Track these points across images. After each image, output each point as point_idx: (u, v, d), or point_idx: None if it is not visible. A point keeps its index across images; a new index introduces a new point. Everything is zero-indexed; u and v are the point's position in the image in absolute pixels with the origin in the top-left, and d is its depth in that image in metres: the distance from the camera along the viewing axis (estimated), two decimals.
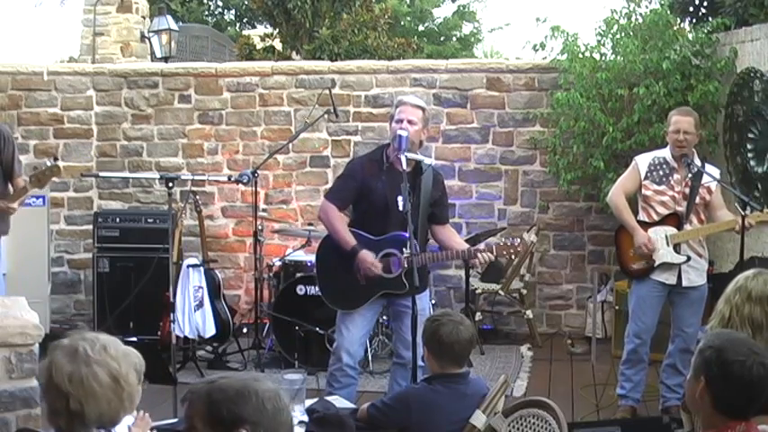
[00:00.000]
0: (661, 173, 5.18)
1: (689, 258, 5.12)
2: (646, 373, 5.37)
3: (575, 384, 6.06)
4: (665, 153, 5.20)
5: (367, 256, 4.50)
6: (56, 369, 2.23)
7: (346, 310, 4.66)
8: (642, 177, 5.22)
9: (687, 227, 5.11)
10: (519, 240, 4.54)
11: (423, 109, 4.62)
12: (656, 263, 5.13)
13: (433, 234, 4.74)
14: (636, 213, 5.29)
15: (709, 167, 5.21)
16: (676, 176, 5.15)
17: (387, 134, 5.08)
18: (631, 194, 5.32)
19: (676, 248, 5.11)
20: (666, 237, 5.11)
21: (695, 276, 5.18)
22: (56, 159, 5.21)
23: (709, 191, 5.14)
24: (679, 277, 5.14)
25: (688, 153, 5.13)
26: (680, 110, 5.32)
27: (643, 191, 5.23)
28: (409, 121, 4.51)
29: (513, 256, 4.62)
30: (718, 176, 5.20)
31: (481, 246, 4.51)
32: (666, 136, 5.25)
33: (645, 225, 5.19)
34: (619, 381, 5.39)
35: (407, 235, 4.15)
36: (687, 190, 5.12)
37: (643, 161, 5.26)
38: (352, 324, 4.65)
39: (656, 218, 5.17)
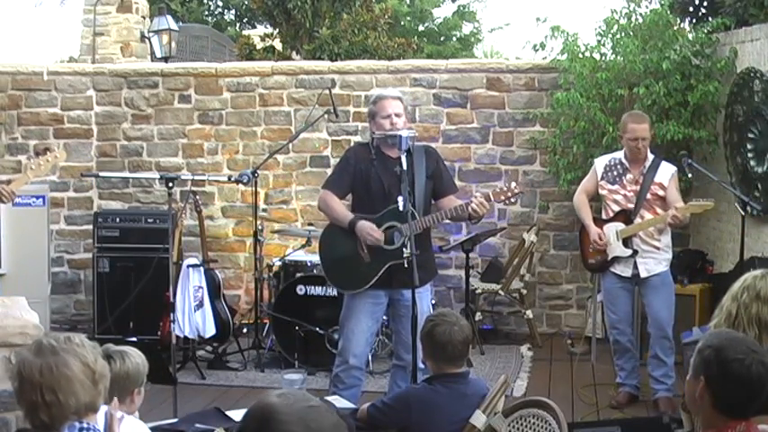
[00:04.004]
0: (615, 173, 5.48)
1: (636, 252, 5.37)
2: (637, 361, 5.65)
3: (575, 384, 6.05)
4: (621, 155, 5.50)
5: (366, 223, 4.53)
6: (25, 367, 2.23)
7: (356, 289, 4.62)
8: (599, 178, 5.55)
9: (637, 221, 5.37)
10: (515, 183, 4.60)
11: (401, 98, 4.70)
12: (609, 257, 5.45)
13: (439, 209, 4.71)
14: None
15: (664, 164, 5.42)
16: (629, 176, 5.44)
17: None
18: (592, 194, 5.67)
19: (626, 243, 5.39)
20: (616, 232, 5.41)
21: (653, 265, 5.42)
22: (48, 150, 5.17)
23: (662, 187, 5.38)
24: (636, 268, 5.40)
25: (641, 156, 5.38)
26: (633, 116, 5.53)
27: (600, 190, 5.57)
28: (397, 115, 4.56)
29: (511, 200, 4.64)
30: (671, 174, 5.39)
31: (477, 194, 4.51)
32: (621, 140, 5.56)
33: (602, 222, 5.51)
34: (616, 371, 5.71)
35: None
36: (638, 188, 5.38)
37: (600, 163, 5.61)
38: (358, 325, 4.64)
39: (611, 215, 5.48)
